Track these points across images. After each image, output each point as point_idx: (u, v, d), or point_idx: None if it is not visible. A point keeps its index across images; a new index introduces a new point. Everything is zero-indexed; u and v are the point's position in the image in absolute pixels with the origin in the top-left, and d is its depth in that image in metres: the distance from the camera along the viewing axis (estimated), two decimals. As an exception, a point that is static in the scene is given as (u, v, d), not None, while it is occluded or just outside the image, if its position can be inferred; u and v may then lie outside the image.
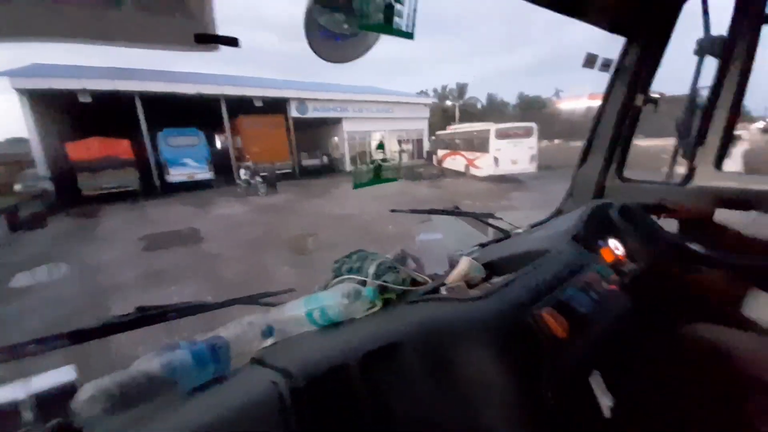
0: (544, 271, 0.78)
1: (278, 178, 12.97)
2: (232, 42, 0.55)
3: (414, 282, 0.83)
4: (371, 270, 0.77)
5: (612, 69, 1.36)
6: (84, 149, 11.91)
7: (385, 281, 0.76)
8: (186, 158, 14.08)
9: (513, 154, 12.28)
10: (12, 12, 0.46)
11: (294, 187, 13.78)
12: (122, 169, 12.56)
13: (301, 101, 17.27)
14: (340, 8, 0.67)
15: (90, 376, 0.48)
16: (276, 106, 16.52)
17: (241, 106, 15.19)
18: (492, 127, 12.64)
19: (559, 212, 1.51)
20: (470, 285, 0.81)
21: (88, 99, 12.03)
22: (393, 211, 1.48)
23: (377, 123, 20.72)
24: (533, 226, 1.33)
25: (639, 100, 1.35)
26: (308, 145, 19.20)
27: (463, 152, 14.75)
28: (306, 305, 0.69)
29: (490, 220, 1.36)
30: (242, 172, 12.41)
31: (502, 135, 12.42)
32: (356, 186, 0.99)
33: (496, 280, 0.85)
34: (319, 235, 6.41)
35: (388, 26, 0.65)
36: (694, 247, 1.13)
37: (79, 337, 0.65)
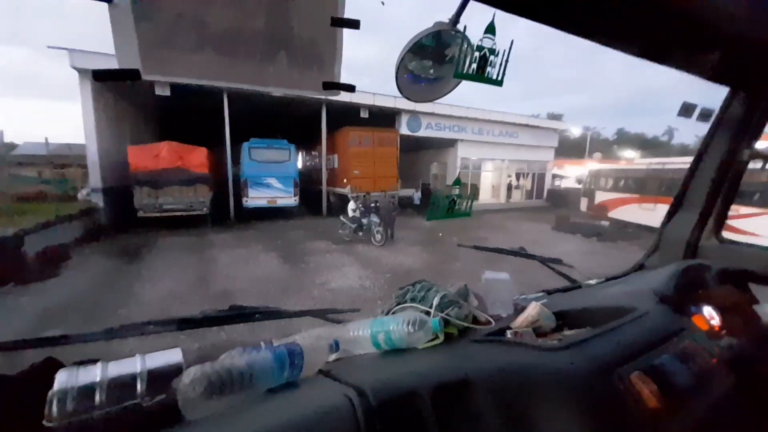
0: (632, 331, 0.74)
1: (397, 215, 8.64)
2: (350, 88, 0.64)
3: (476, 320, 0.80)
4: (435, 301, 0.76)
5: (712, 120, 1.25)
6: (149, 156, 8.78)
7: (448, 314, 0.74)
8: (270, 177, 10.63)
9: None
10: (197, 57, 0.54)
11: (410, 231, 9.39)
12: (192, 186, 9.25)
13: (414, 115, 13.31)
14: (429, 56, 0.74)
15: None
16: (384, 120, 12.78)
17: (342, 116, 11.63)
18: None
19: (640, 267, 1.38)
20: (538, 333, 0.77)
21: (166, 92, 9.06)
22: (459, 245, 1.42)
23: (495, 149, 16.12)
24: (609, 279, 1.27)
25: (745, 155, 1.24)
26: (404, 172, 15.05)
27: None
28: (371, 327, 0.68)
29: (559, 267, 1.26)
30: (351, 206, 8.29)
31: None
32: (429, 218, 1.04)
33: (570, 333, 0.80)
34: None
35: (479, 75, 0.71)
36: None
37: (185, 324, 0.71)
